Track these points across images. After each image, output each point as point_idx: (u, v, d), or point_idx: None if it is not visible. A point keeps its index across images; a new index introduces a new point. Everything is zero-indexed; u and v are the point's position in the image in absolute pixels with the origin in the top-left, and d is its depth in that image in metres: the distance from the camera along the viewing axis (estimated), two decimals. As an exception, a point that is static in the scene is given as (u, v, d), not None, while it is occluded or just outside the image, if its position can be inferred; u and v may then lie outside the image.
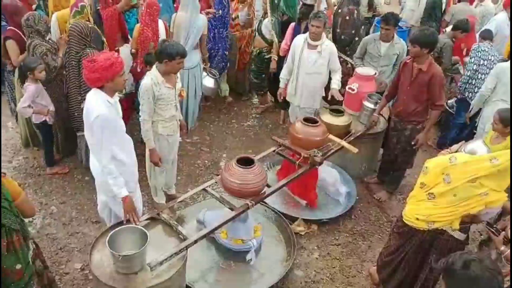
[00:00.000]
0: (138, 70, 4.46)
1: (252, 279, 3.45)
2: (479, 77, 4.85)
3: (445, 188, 2.68)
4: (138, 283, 2.52)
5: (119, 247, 2.58)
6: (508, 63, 4.35)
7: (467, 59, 5.42)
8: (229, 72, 5.98)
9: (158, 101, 3.48)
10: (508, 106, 3.74)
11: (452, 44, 5.52)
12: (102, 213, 3.32)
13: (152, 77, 3.40)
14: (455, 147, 3.24)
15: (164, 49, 3.36)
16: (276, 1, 5.19)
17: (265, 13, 5.27)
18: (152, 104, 3.45)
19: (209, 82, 5.28)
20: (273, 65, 5.38)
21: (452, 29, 5.52)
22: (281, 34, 5.28)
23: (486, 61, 4.83)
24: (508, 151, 2.59)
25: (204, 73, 5.22)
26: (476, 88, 4.87)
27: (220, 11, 5.24)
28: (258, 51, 5.57)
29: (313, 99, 4.69)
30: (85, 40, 3.97)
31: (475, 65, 4.86)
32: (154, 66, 3.49)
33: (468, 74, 4.90)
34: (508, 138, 3.54)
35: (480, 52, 4.85)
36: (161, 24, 4.67)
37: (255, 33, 5.65)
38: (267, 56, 5.49)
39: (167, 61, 3.36)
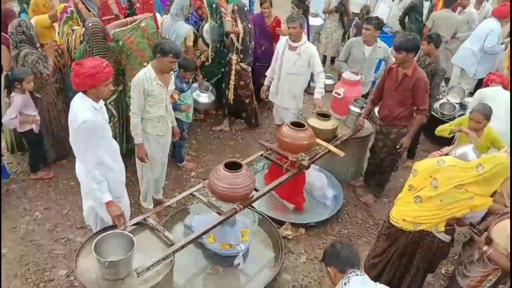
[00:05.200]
0: None
1: (240, 283, 3.44)
2: None
3: (432, 192, 2.73)
4: (124, 289, 2.49)
5: (105, 253, 2.55)
6: (490, 89, 4.39)
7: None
8: None
9: (148, 97, 3.49)
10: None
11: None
12: (87, 219, 3.29)
13: (145, 71, 3.44)
14: (446, 149, 3.31)
15: (159, 44, 3.42)
16: (214, 5, 5.11)
17: (207, 17, 5.20)
18: (142, 99, 3.46)
19: (202, 98, 5.13)
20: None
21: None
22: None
23: None
24: (495, 157, 2.64)
25: (195, 85, 5.13)
26: None
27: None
28: (199, 53, 5.40)
29: (294, 100, 4.73)
30: (104, 36, 4.00)
31: None
32: (150, 62, 3.52)
33: None
34: (486, 129, 3.64)
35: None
36: (159, 17, 4.75)
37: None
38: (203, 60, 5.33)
39: (159, 57, 3.38)
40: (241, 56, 5.09)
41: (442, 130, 3.98)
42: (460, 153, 3.03)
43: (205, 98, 5.18)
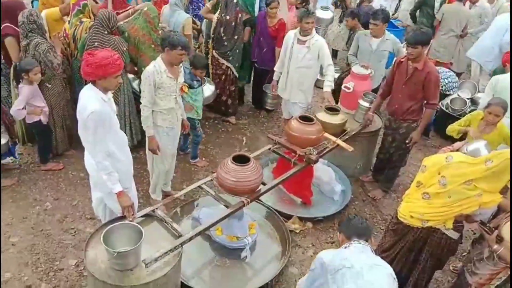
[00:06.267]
0: None
1: (246, 276, 3.46)
2: None
3: (440, 189, 2.71)
4: (133, 280, 2.51)
5: (114, 243, 2.57)
6: (505, 75, 4.32)
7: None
8: None
9: (158, 90, 3.51)
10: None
11: None
12: (96, 210, 3.32)
13: (155, 64, 3.46)
14: (457, 145, 3.27)
15: (167, 37, 3.43)
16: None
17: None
18: (153, 91, 3.48)
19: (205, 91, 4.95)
20: None
21: None
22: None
23: None
24: (503, 152, 2.61)
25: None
26: None
27: None
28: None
29: (303, 94, 4.70)
30: (106, 25, 4.02)
31: None
32: (159, 55, 3.55)
33: None
34: (498, 125, 3.59)
35: None
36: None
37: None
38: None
39: (168, 50, 3.40)
40: (213, 44, 5.16)
41: (452, 130, 3.94)
42: (471, 149, 3.00)
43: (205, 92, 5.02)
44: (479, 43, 6.20)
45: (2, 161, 4.19)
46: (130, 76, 4.58)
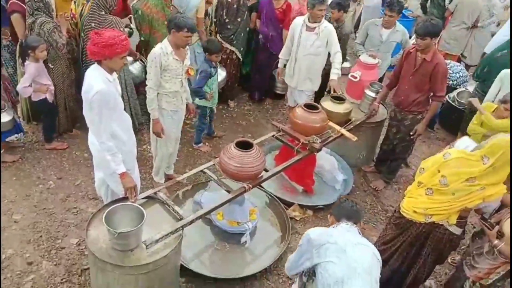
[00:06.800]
0: None
1: (246, 261, 3.49)
2: None
3: (442, 188, 2.70)
4: (133, 260, 2.54)
5: (116, 224, 2.59)
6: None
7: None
8: None
9: (164, 72, 3.50)
10: None
11: None
12: (99, 190, 3.34)
13: (162, 46, 3.45)
14: (447, 147, 3.28)
15: (173, 19, 3.41)
16: None
17: None
18: (159, 74, 3.47)
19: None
20: None
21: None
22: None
23: None
24: (496, 146, 2.56)
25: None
26: None
27: None
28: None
29: (311, 82, 4.66)
30: (104, 6, 4.00)
31: None
32: (166, 37, 3.53)
33: None
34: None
35: None
36: None
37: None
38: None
39: (174, 31, 3.38)
40: (216, 27, 5.16)
41: (472, 132, 3.90)
42: (457, 144, 3.04)
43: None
44: (495, 38, 6.10)
45: (7, 139, 4.21)
46: (130, 58, 4.56)
